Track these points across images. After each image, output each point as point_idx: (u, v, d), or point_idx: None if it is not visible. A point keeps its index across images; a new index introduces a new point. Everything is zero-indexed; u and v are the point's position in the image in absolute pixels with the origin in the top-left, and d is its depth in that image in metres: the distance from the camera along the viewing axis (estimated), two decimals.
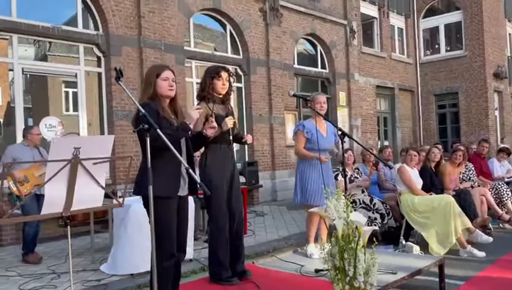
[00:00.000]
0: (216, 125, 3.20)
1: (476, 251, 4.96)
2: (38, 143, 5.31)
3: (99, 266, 4.68)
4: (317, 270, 3.61)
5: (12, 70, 6.91)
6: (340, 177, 5.61)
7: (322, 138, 4.32)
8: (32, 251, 5.11)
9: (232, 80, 3.72)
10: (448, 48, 16.09)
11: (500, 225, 6.46)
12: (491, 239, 5.41)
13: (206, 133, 3.18)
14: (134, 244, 4.28)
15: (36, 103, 8.27)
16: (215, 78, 3.60)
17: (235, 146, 8.28)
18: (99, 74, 7.76)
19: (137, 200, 2.92)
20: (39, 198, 4.58)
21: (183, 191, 2.93)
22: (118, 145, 7.34)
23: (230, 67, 9.66)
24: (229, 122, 3.53)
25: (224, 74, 3.63)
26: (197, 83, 8.61)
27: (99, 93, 7.77)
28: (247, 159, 9.69)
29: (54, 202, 2.04)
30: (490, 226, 6.04)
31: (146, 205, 2.76)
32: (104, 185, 2.24)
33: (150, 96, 2.84)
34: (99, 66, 7.76)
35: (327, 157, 4.33)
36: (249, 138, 3.77)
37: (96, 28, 7.68)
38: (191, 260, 4.73)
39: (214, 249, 3.57)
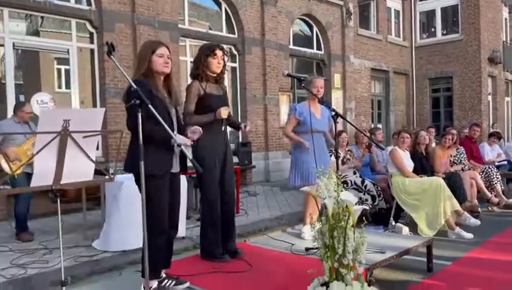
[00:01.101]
0: (200, 131, 3.05)
1: (464, 233, 5.04)
2: (28, 119, 5.22)
3: (91, 243, 4.70)
4: (307, 249, 3.65)
5: (3, 45, 6.79)
6: (332, 158, 5.63)
7: (315, 119, 4.31)
8: (25, 229, 5.10)
9: (226, 58, 3.68)
10: (444, 32, 16.01)
11: (489, 208, 6.55)
12: (479, 222, 5.48)
13: (191, 136, 3.01)
14: (127, 221, 4.29)
15: (28, 79, 8.15)
16: (210, 56, 3.55)
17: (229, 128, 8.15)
18: (92, 51, 7.65)
19: (130, 177, 2.90)
20: (29, 176, 4.54)
21: (175, 168, 2.93)
22: (111, 122, 7.29)
23: (225, 47, 9.56)
24: (224, 112, 3.45)
25: (219, 52, 3.59)
26: (191, 62, 8.52)
27: (92, 70, 7.67)
28: (240, 140, 9.67)
29: (43, 174, 2.02)
30: (479, 209, 6.12)
31: (138, 181, 2.75)
32: (94, 159, 2.22)
33: (144, 72, 2.80)
34: (91, 42, 7.64)
35: (308, 146, 4.28)
36: (247, 127, 3.69)
37: (89, 3, 7.54)
38: (183, 238, 4.76)
39: (205, 227, 3.59)
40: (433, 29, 16.26)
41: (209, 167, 3.48)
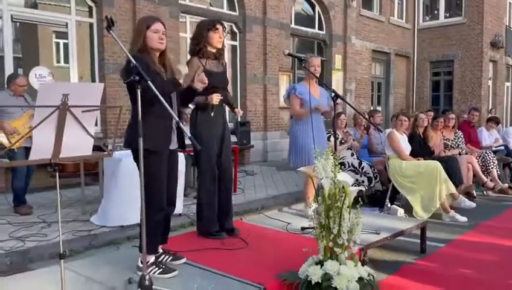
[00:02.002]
0: (206, 80, 3.14)
1: (458, 216, 5.09)
2: (23, 92, 5.10)
3: (89, 218, 4.74)
4: (303, 228, 3.69)
5: (1, 17, 6.69)
6: (332, 139, 5.64)
7: (314, 99, 4.30)
8: (23, 203, 5.12)
9: (225, 34, 3.65)
10: (448, 15, 15.83)
11: (484, 192, 6.61)
12: (474, 205, 5.54)
13: (197, 87, 3.12)
14: (125, 197, 4.32)
15: (26, 52, 8.08)
16: (211, 30, 3.52)
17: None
18: (91, 25, 7.56)
19: (129, 154, 2.91)
20: (28, 150, 4.51)
21: (173, 144, 2.93)
22: (110, 99, 7.25)
23: (226, 24, 9.45)
24: (215, 98, 3.40)
25: (219, 27, 3.56)
26: (190, 39, 8.43)
27: (91, 45, 7.59)
28: (239, 119, 9.65)
29: (42, 148, 2.03)
30: (474, 193, 6.17)
31: (136, 158, 2.76)
32: (93, 134, 2.22)
33: (139, 48, 2.77)
34: (90, 16, 7.54)
35: (318, 109, 4.30)
36: (239, 113, 3.73)
37: None
38: (180, 215, 4.80)
39: (202, 203, 3.61)
40: (436, 12, 16.07)
41: (206, 144, 3.48)
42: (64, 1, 7.36)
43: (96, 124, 7.33)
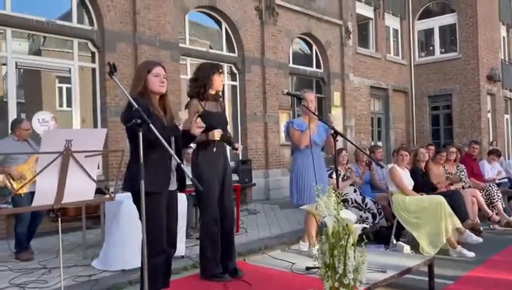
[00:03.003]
0: (203, 125, 3.15)
1: (465, 251, 5.01)
2: (27, 137, 5.13)
3: (90, 262, 4.68)
4: (308, 268, 3.63)
5: (5, 64, 6.87)
6: (334, 176, 5.64)
7: (312, 133, 4.33)
8: (26, 249, 5.05)
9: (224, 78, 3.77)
10: (443, 50, 16.18)
11: (490, 226, 6.52)
12: (481, 240, 5.46)
13: (194, 132, 3.12)
14: (126, 240, 4.28)
15: (29, 97, 8.22)
16: (215, 73, 3.63)
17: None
18: (93, 70, 7.74)
19: (130, 196, 2.91)
20: (33, 195, 4.49)
21: (172, 185, 2.94)
22: (111, 141, 7.31)
23: (226, 66, 9.69)
24: (217, 134, 3.48)
25: (222, 71, 3.71)
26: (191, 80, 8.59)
27: (93, 89, 7.75)
28: (240, 158, 9.69)
29: (45, 194, 2.04)
30: (480, 227, 6.10)
31: (135, 201, 2.76)
32: (95, 179, 2.24)
33: (140, 91, 2.84)
34: (93, 61, 7.73)
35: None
36: (239, 147, 3.82)
37: (91, 23, 7.66)
38: (182, 257, 4.73)
39: (205, 245, 3.58)
40: (431, 48, 16.44)
41: (208, 184, 3.49)
42: (67, 47, 7.58)
43: (98, 167, 7.35)
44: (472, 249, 5.07)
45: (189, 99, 3.71)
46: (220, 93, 3.78)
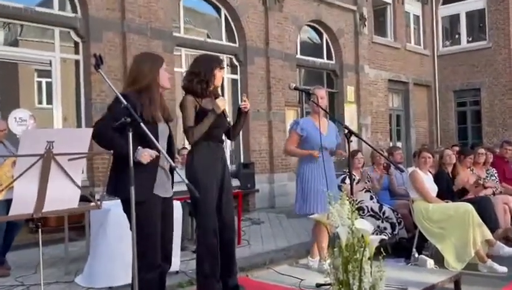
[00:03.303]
0: (153, 156, 2.84)
1: (496, 266, 4.99)
2: (3, 138, 5.17)
3: (73, 278, 4.69)
4: (318, 285, 3.63)
5: None
6: (348, 181, 5.65)
7: (322, 136, 4.33)
8: (1, 263, 5.07)
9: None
10: (470, 39, 16.15)
11: None
12: None
13: (140, 159, 2.74)
14: (114, 254, 4.29)
15: (5, 93, 8.25)
16: (217, 68, 3.63)
17: (229, 145, 8.22)
18: (77, 62, 7.76)
19: (118, 203, 2.92)
20: (9, 203, 4.51)
21: (167, 192, 2.95)
22: None
23: (225, 57, 9.71)
24: (221, 103, 3.47)
25: (224, 66, 3.69)
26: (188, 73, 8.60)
27: (77, 83, 7.77)
28: (242, 160, 9.71)
29: (23, 202, 2.05)
30: None
31: (126, 209, 2.77)
32: (80, 185, 2.25)
33: (144, 86, 2.83)
34: (76, 52, 7.76)
35: (318, 154, 4.31)
36: (246, 104, 3.67)
37: (74, 9, 7.69)
38: (177, 272, 4.74)
39: (202, 259, 3.57)
40: (457, 36, 16.41)
41: (205, 190, 3.49)
42: (47, 37, 7.61)
43: (82, 172, 7.37)
44: (504, 263, 5.05)
45: (184, 94, 3.70)
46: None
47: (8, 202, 4.61)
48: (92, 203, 2.62)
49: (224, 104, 3.56)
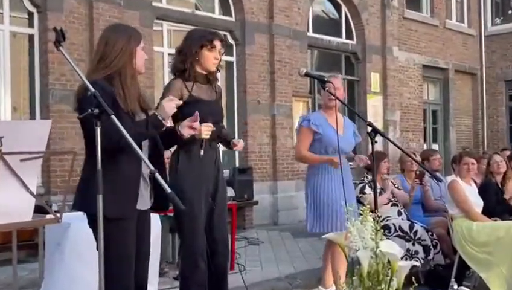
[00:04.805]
0: (199, 127, 3.15)
1: None
2: None
3: None
4: None
5: None
6: (368, 191, 5.65)
7: (339, 136, 4.32)
8: None
9: (222, 51, 3.75)
10: None
11: None
12: None
13: (182, 132, 3.13)
14: (75, 279, 4.30)
15: None
16: (205, 47, 3.61)
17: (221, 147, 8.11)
18: (31, 37, 7.75)
19: (80, 217, 2.92)
20: None
21: (145, 204, 2.95)
22: (55, 139, 7.32)
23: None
24: (205, 130, 3.35)
25: (218, 44, 3.66)
26: (169, 54, 8.63)
27: (30, 64, 7.76)
28: (237, 165, 9.71)
29: None
30: None
31: (92, 225, 2.77)
32: (35, 192, 2.24)
33: (117, 70, 2.81)
34: (30, 25, 7.75)
35: (337, 164, 4.30)
36: (239, 146, 3.75)
37: None
38: None
39: (186, 287, 3.59)
40: (510, 12, 16.42)
41: (191, 202, 3.49)
42: None
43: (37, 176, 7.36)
44: None
45: (173, 77, 3.70)
46: (218, 73, 3.77)
47: None
48: (50, 216, 2.61)
49: (208, 132, 3.35)
